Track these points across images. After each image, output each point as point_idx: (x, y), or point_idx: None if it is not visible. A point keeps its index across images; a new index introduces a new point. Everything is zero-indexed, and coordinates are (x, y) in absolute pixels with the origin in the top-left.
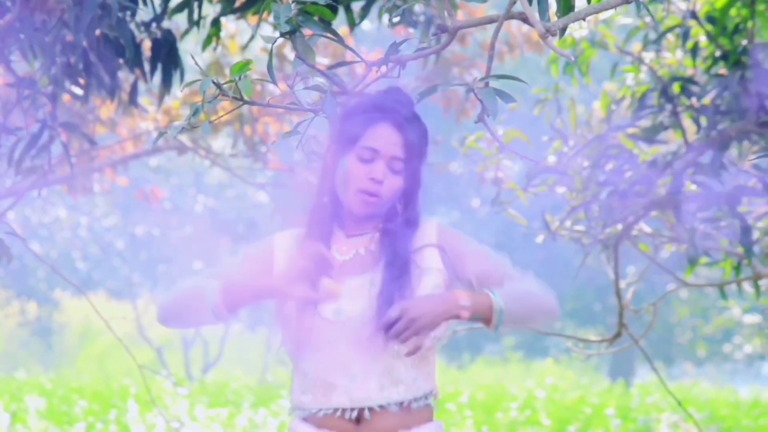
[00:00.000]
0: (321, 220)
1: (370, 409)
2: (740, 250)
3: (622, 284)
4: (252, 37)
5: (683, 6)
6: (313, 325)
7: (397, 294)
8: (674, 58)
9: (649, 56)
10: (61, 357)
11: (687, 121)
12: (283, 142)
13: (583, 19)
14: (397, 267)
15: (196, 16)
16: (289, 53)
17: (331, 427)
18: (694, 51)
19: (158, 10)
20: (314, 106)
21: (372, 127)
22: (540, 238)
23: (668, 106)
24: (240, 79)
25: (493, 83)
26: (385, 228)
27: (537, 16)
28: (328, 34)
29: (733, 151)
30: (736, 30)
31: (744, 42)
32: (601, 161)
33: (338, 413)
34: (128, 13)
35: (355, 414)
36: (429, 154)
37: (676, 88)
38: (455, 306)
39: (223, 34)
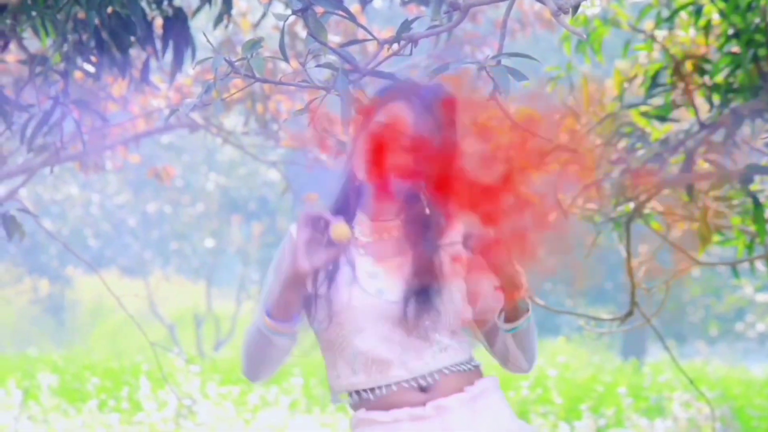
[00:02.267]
0: (344, 203)
1: (429, 375)
2: (753, 228)
3: (634, 263)
4: (264, 15)
5: None
6: (355, 303)
7: (433, 276)
8: (687, 36)
9: (661, 34)
10: (73, 334)
11: (699, 99)
12: (294, 120)
13: None
14: (427, 251)
15: None
16: (301, 31)
17: (401, 404)
18: (707, 29)
19: None
20: (326, 84)
21: (387, 105)
22: (551, 216)
23: (681, 84)
24: (252, 56)
25: (505, 61)
26: (408, 218)
27: None
28: (340, 12)
29: (745, 129)
30: (749, 8)
31: (757, 20)
32: (614, 139)
33: (397, 388)
34: None
35: (414, 384)
36: (456, 142)
37: (688, 66)
38: (521, 284)
39: (234, 11)
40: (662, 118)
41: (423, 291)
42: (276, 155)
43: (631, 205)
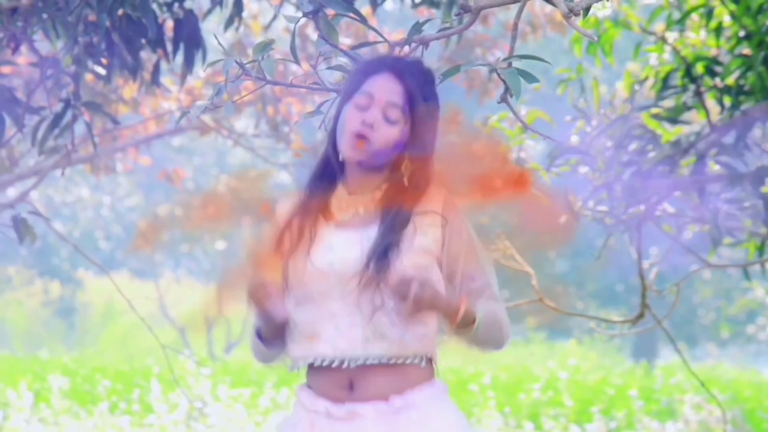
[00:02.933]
0: (323, 176)
1: (357, 367)
2: (764, 230)
3: (645, 265)
4: (274, 17)
5: None
6: (305, 276)
7: (386, 248)
8: (698, 37)
9: (672, 36)
10: (84, 336)
11: (710, 102)
12: (305, 122)
13: None
14: (393, 224)
15: None
16: (312, 33)
17: (326, 395)
18: (718, 31)
19: None
20: (337, 86)
21: (371, 77)
22: (563, 219)
23: (692, 86)
24: (262, 58)
25: (516, 63)
26: (387, 190)
27: None
28: (351, 14)
29: (756, 132)
30: (760, 10)
31: None
32: (625, 141)
33: (325, 364)
34: None
35: (336, 363)
36: (439, 118)
37: (699, 68)
38: (454, 313)
39: (245, 13)
40: (673, 120)
41: (377, 260)
42: (287, 157)
43: (642, 207)
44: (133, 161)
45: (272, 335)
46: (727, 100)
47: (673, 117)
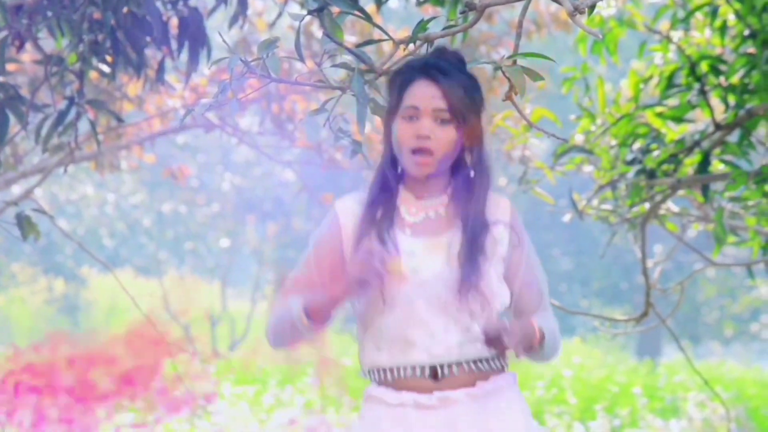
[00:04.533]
0: (384, 185)
1: (448, 366)
2: None
3: (650, 263)
4: (279, 15)
5: None
6: (391, 282)
7: (476, 255)
8: (703, 36)
9: (677, 35)
10: (88, 334)
11: (715, 100)
12: (310, 120)
13: None
14: (476, 231)
15: None
16: (317, 31)
17: (410, 387)
18: (723, 29)
19: None
20: (341, 84)
21: (409, 86)
22: (567, 217)
23: (696, 85)
24: (267, 56)
25: (521, 61)
26: (455, 190)
27: None
28: (356, 12)
29: (761, 130)
30: (765, 8)
31: None
32: (629, 140)
33: (415, 372)
34: None
35: (429, 371)
36: (483, 100)
37: (704, 66)
38: (537, 340)
39: (250, 11)
40: (678, 119)
41: (466, 271)
42: (291, 155)
43: (647, 206)
44: (137, 159)
45: (329, 316)
46: (732, 99)
47: (678, 115)
